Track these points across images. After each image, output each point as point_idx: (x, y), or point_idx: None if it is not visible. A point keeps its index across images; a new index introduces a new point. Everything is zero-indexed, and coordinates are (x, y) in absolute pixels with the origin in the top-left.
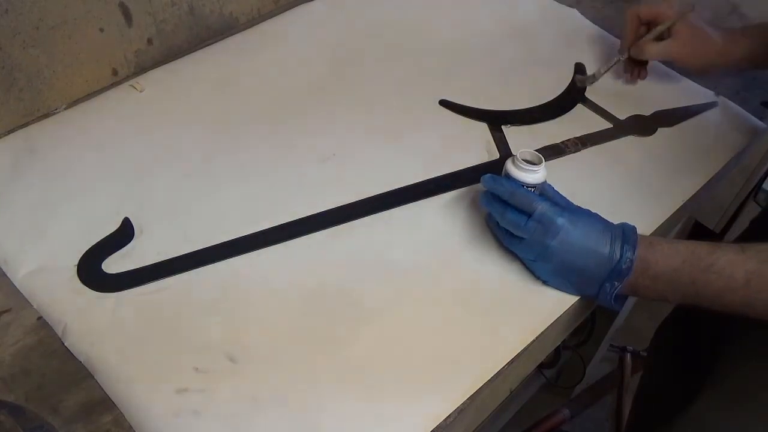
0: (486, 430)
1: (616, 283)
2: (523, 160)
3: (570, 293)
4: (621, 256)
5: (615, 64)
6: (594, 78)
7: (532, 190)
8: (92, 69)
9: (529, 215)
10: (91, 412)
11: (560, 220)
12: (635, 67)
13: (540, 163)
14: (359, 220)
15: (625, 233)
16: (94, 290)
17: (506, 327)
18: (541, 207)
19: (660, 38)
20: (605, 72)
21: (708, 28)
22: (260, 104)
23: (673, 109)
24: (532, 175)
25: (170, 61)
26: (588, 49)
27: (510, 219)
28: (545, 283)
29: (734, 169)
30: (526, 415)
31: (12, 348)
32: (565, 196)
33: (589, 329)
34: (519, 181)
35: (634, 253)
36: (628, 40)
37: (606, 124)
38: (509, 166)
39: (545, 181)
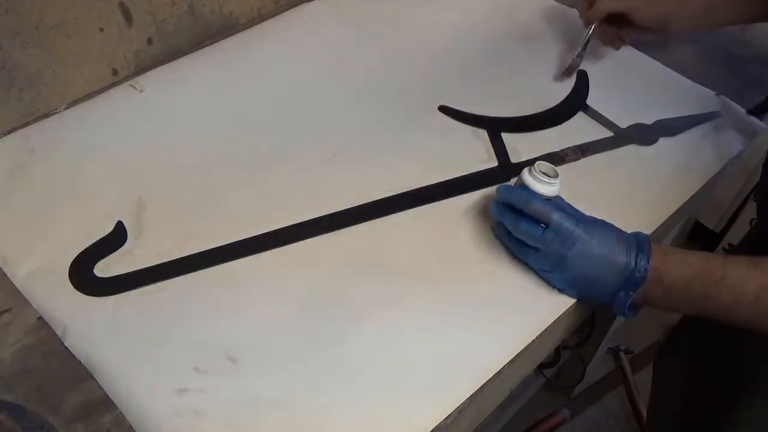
0: (486, 430)
1: (630, 292)
2: (540, 171)
3: (585, 301)
4: (635, 265)
5: (589, 36)
6: (577, 59)
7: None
8: (92, 69)
9: (544, 226)
10: (91, 412)
11: (577, 231)
12: (611, 36)
13: (556, 176)
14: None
15: (640, 243)
16: (86, 294)
17: (506, 327)
18: (558, 216)
19: None
20: (583, 48)
21: None
22: (260, 104)
23: (676, 119)
24: (549, 187)
25: (170, 61)
26: (589, 50)
27: (524, 229)
28: (560, 291)
29: (734, 169)
30: (526, 415)
31: (12, 348)
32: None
33: (589, 329)
34: (534, 192)
35: (648, 263)
36: (586, 8)
37: (607, 133)
38: (525, 176)
39: (559, 195)
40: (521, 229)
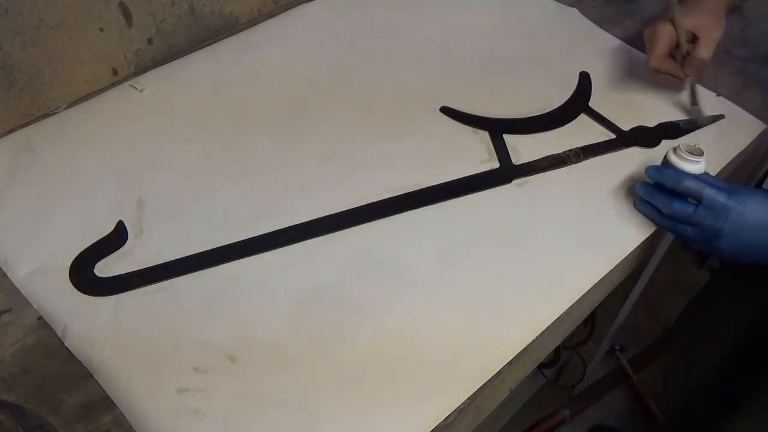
0: (486, 430)
1: None
2: (685, 151)
3: (745, 264)
4: None
5: (694, 90)
6: (697, 109)
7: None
8: (92, 69)
9: (696, 203)
10: (91, 412)
11: (729, 203)
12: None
13: (701, 155)
14: (359, 225)
15: None
16: (87, 294)
17: (506, 327)
18: (709, 192)
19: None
20: (696, 101)
21: (696, 5)
22: (260, 105)
23: (679, 121)
24: (696, 165)
25: (170, 61)
26: (589, 49)
27: (677, 209)
28: (723, 256)
29: (735, 169)
30: (526, 415)
31: (12, 348)
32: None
33: (589, 329)
34: (682, 171)
35: None
36: (677, 68)
37: (609, 135)
38: (671, 156)
39: (705, 172)
40: (674, 208)
